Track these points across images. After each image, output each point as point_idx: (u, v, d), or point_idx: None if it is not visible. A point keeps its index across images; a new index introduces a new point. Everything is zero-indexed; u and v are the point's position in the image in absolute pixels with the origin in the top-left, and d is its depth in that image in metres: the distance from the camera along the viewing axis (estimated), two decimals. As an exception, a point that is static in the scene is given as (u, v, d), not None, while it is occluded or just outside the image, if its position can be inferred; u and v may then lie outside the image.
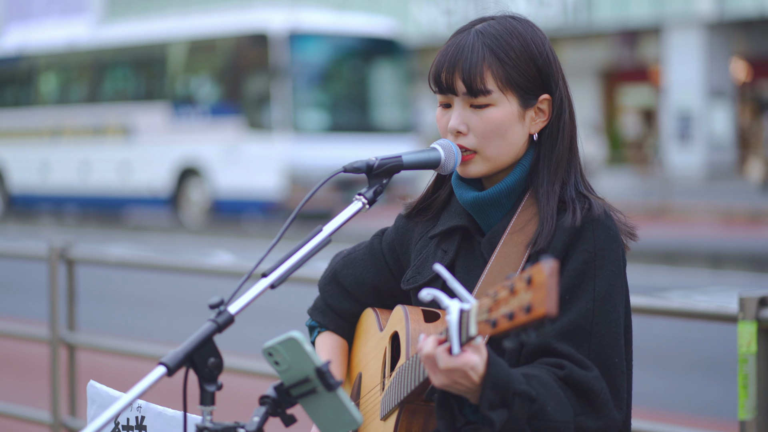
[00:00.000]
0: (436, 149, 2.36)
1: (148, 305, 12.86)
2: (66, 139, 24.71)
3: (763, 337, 3.52)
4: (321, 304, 2.64)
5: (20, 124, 25.73)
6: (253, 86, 21.78)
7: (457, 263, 2.42)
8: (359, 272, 2.60)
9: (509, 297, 1.93)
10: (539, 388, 2.16)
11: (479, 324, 1.99)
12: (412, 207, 2.55)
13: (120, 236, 20.83)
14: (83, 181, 24.26)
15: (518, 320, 1.91)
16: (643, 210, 22.55)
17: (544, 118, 2.40)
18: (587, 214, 2.33)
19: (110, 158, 23.74)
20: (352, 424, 2.10)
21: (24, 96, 26.22)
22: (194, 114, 22.52)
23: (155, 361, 4.91)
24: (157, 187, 22.83)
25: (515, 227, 2.36)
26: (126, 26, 26.30)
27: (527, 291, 1.90)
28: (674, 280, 13.88)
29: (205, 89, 22.97)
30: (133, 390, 2.00)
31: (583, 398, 2.23)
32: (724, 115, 32.56)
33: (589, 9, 32.80)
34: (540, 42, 2.39)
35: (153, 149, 22.96)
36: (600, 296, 2.29)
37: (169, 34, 23.48)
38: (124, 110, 23.69)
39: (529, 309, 1.89)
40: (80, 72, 25.16)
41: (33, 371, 8.32)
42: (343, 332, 2.62)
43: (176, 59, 23.38)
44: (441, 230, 2.46)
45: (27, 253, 8.02)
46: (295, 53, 21.15)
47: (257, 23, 21.62)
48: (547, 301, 1.86)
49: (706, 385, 8.51)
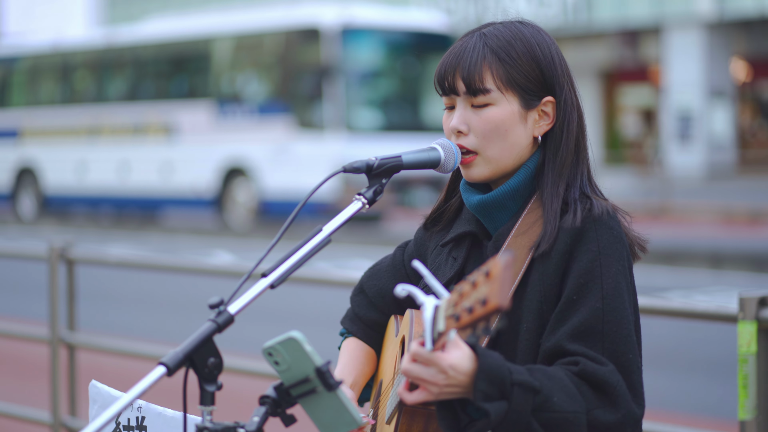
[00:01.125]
0: (435, 149, 2.37)
1: (148, 305, 12.86)
2: (104, 138, 23.89)
3: (763, 337, 3.52)
4: (351, 313, 2.67)
5: (55, 123, 24.87)
6: (303, 83, 20.99)
7: (467, 269, 2.43)
8: (382, 283, 2.62)
9: (470, 290, 1.94)
10: (543, 380, 2.15)
11: (447, 319, 1.99)
12: (427, 218, 2.57)
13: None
14: (122, 181, 23.42)
15: (476, 313, 1.91)
16: (643, 210, 22.54)
17: (549, 121, 2.39)
18: (588, 214, 2.32)
19: (151, 158, 22.95)
20: (352, 424, 2.09)
21: (59, 93, 25.38)
22: (240, 112, 21.71)
23: (155, 361, 4.91)
24: (201, 187, 22.05)
25: (520, 230, 2.36)
26: (167, 22, 25.33)
27: (485, 284, 1.90)
28: (674, 280, 13.88)
29: (252, 87, 22.22)
30: (133, 390, 2.00)
31: (600, 392, 2.21)
32: (724, 115, 32.56)
33: (589, 9, 32.80)
34: (545, 45, 2.39)
35: (197, 149, 22.18)
36: (608, 294, 2.28)
37: (213, 30, 22.68)
38: (165, 108, 22.90)
39: (484, 302, 1.89)
40: (119, 69, 24.41)
41: (33, 371, 8.32)
42: (371, 340, 2.63)
43: (221, 56, 22.60)
44: (451, 237, 2.47)
45: (27, 253, 8.02)
46: (347, 49, 20.39)
47: (308, 18, 20.84)
48: (500, 293, 1.86)
49: (706, 385, 8.51)
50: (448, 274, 2.44)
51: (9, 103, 26.34)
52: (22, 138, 25.35)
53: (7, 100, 26.38)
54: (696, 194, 25.94)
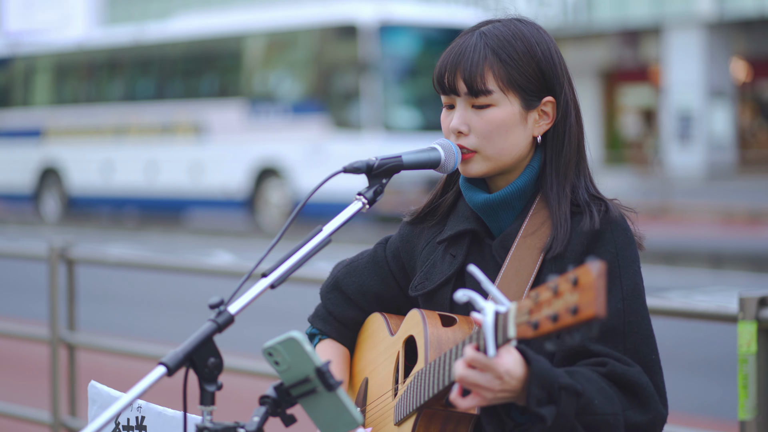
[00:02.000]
0: (435, 149, 2.36)
1: (148, 305, 12.86)
2: (131, 137, 23.45)
3: (763, 337, 3.52)
4: (322, 311, 2.63)
5: (80, 122, 24.39)
6: (339, 82, 20.53)
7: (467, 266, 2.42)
8: (362, 280, 2.58)
9: (552, 298, 1.91)
10: (584, 383, 2.15)
11: (518, 326, 1.97)
12: (416, 213, 2.54)
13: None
14: (149, 181, 22.98)
15: (563, 322, 1.89)
16: (643, 210, 22.46)
17: (548, 121, 2.39)
18: (605, 216, 2.32)
19: (180, 158, 22.47)
20: (352, 424, 2.09)
21: (84, 92, 24.91)
22: (274, 111, 21.21)
23: (155, 361, 4.91)
24: (233, 188, 21.60)
25: (528, 230, 2.35)
26: (196, 19, 24.77)
27: (573, 292, 1.87)
28: (674, 280, 13.88)
29: (286, 85, 21.74)
30: (133, 390, 2.00)
31: (629, 393, 2.22)
32: (724, 115, 32.55)
33: (589, 9, 32.80)
34: (545, 45, 2.38)
35: (228, 148, 21.70)
36: (628, 295, 2.29)
37: (245, 27, 22.14)
38: (195, 108, 22.43)
39: (575, 311, 1.86)
40: (147, 67, 23.91)
41: (33, 371, 8.32)
42: (345, 340, 2.61)
43: (253, 54, 22.10)
44: (449, 235, 2.44)
45: (27, 253, 8.02)
46: (385, 46, 19.94)
47: (345, 14, 20.32)
48: (596, 302, 1.84)
49: (706, 385, 8.51)
50: (446, 272, 2.42)
51: (32, 101, 25.85)
52: (45, 137, 24.89)
53: (30, 99, 25.90)
54: (696, 194, 25.94)
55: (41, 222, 24.39)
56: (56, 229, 22.51)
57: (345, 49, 20.29)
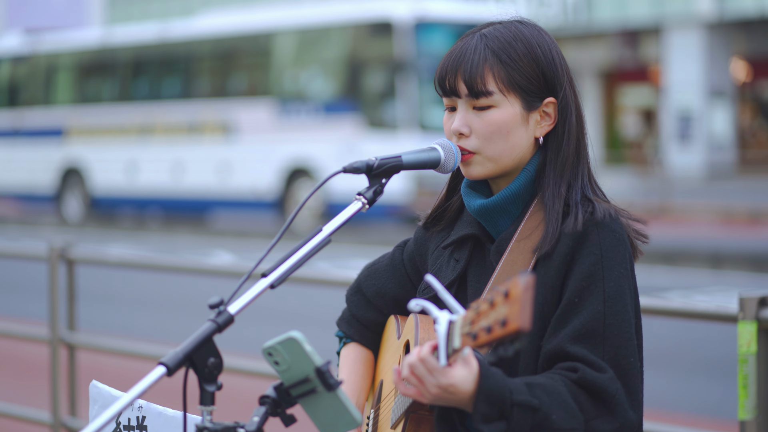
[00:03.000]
0: (435, 149, 2.35)
1: (148, 305, 12.86)
2: (157, 137, 23.02)
3: (763, 337, 3.52)
4: (347, 314, 2.65)
5: (104, 121, 23.91)
6: (373, 80, 20.18)
7: (469, 272, 2.42)
8: (381, 283, 2.61)
9: (489, 310, 1.93)
10: (542, 397, 2.16)
11: (463, 336, 1.99)
12: (427, 217, 2.56)
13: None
14: (175, 181, 22.53)
15: (495, 334, 1.91)
16: (643, 210, 22.51)
17: (550, 122, 2.39)
18: (590, 218, 2.32)
19: (207, 158, 22.07)
20: (352, 424, 2.09)
21: (108, 91, 24.44)
22: (305, 111, 20.81)
23: (155, 361, 4.90)
24: (262, 189, 21.18)
25: (523, 234, 2.35)
26: (223, 16, 24.13)
27: (504, 304, 1.90)
28: (674, 280, 13.88)
29: (317, 84, 21.31)
30: (133, 390, 2.00)
31: (597, 400, 2.22)
32: (724, 115, 32.56)
33: (589, 9, 32.80)
34: (546, 46, 2.38)
35: (257, 148, 21.26)
36: (610, 298, 2.28)
37: (274, 25, 21.72)
38: (223, 107, 22.03)
39: (504, 323, 1.89)
40: (173, 65, 23.46)
41: (33, 371, 8.32)
42: (368, 342, 2.63)
43: (283, 52, 21.68)
44: (453, 239, 2.45)
45: (27, 253, 8.02)
46: (421, 44, 19.44)
47: (380, 11, 19.88)
48: (521, 315, 1.86)
49: (706, 385, 8.51)
50: (449, 277, 2.43)
51: (53, 100, 25.34)
52: (68, 137, 24.44)
53: (52, 97, 25.39)
54: (696, 194, 25.94)
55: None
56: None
57: (379, 47, 19.94)
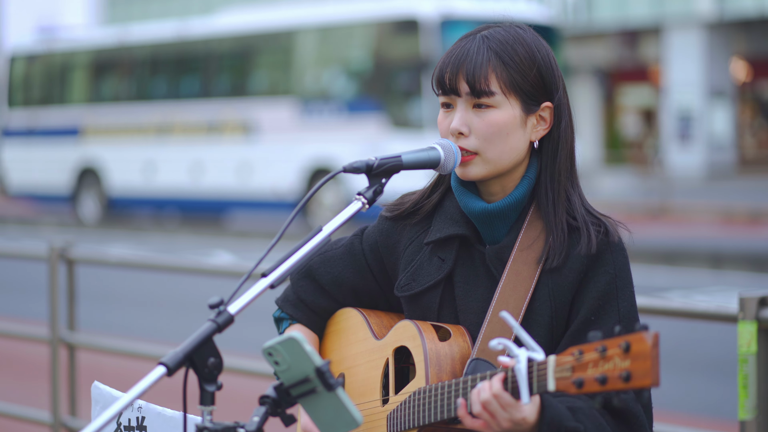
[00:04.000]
0: (435, 149, 2.35)
1: (148, 305, 12.86)
2: (175, 136, 22.65)
3: (763, 337, 3.52)
4: (293, 297, 2.61)
5: (121, 121, 23.51)
6: (397, 79, 19.79)
7: (456, 272, 2.41)
8: (338, 271, 2.57)
9: (600, 360, 1.95)
10: (585, 422, 2.22)
11: (558, 380, 2.02)
12: (401, 210, 2.52)
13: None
14: (194, 182, 22.17)
15: (613, 386, 1.94)
16: (643, 210, 22.56)
17: (546, 126, 2.40)
18: (604, 239, 2.36)
19: (227, 157, 21.71)
20: (352, 424, 2.09)
21: (125, 89, 24.05)
22: (327, 110, 20.46)
23: (155, 361, 4.91)
24: (283, 189, 20.75)
25: (524, 243, 2.36)
26: (243, 14, 23.65)
27: (624, 359, 1.92)
28: (674, 280, 13.88)
29: (340, 83, 20.97)
30: (133, 390, 2.00)
31: (621, 420, 2.28)
32: (724, 115, 32.57)
33: (589, 9, 32.81)
34: (544, 51, 2.40)
35: (278, 148, 20.92)
36: (625, 316, 2.33)
37: (296, 22, 21.38)
38: (243, 106, 21.67)
39: (628, 378, 1.91)
40: (191, 64, 23.07)
41: (33, 371, 8.32)
42: (315, 327, 2.60)
43: (305, 50, 21.29)
44: (438, 238, 2.43)
45: (27, 253, 8.02)
46: (447, 42, 19.00)
47: (405, 9, 19.61)
48: (653, 372, 1.89)
49: (706, 385, 8.51)
50: (435, 276, 2.42)
51: (69, 99, 24.94)
52: (84, 136, 24.09)
53: (67, 96, 25.00)
54: (696, 194, 25.94)
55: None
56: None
57: (404, 45, 19.63)
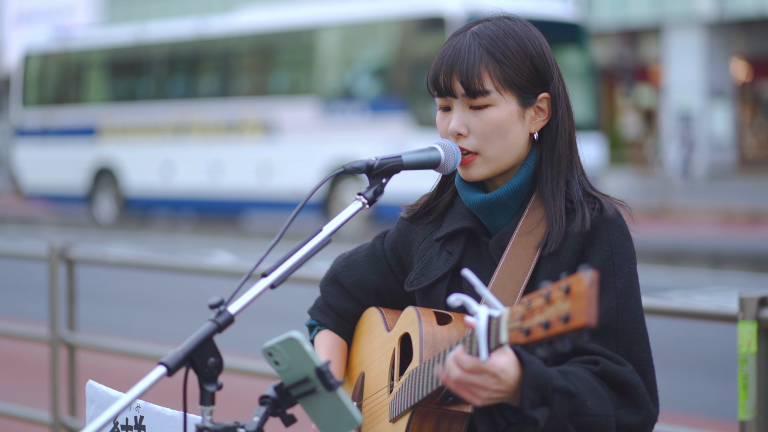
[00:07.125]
0: (436, 149, 2.36)
1: (148, 305, 12.86)
2: (193, 136, 22.32)
3: (763, 337, 3.52)
4: (321, 303, 2.65)
5: (138, 120, 23.20)
6: (423, 77, 19.20)
7: (463, 265, 2.42)
8: (360, 273, 2.60)
9: (545, 306, 1.93)
10: (577, 383, 2.17)
11: (510, 331, 1.99)
12: (415, 210, 2.55)
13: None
14: (213, 182, 21.87)
15: (555, 329, 1.91)
16: (643, 210, 22.54)
17: (544, 117, 2.40)
18: (599, 215, 2.34)
19: (247, 157, 21.38)
20: (352, 424, 2.09)
21: (142, 89, 23.73)
22: (350, 109, 20.17)
23: (155, 361, 4.91)
24: (305, 189, 20.05)
25: (524, 229, 2.36)
26: (263, 12, 23.14)
27: (565, 300, 1.90)
28: (674, 280, 13.88)
29: (363, 82, 20.73)
30: (132, 390, 2.00)
31: (620, 392, 2.23)
32: (724, 115, 32.56)
33: (589, 9, 32.79)
34: (536, 40, 2.40)
35: (300, 148, 20.58)
36: (622, 294, 2.30)
37: (318, 20, 21.07)
38: (263, 105, 21.32)
39: (567, 319, 1.89)
40: (210, 63, 22.78)
41: (33, 371, 8.32)
42: (343, 332, 2.63)
43: (327, 48, 20.99)
44: (446, 233, 2.45)
45: (27, 253, 8.02)
46: None
47: (431, 6, 19.36)
48: (588, 311, 1.86)
49: (706, 385, 8.51)
50: (443, 269, 2.43)
51: (85, 98, 24.63)
52: (100, 136, 23.74)
53: (83, 95, 24.69)
54: (696, 194, 25.94)
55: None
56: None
57: (430, 43, 19.24)
